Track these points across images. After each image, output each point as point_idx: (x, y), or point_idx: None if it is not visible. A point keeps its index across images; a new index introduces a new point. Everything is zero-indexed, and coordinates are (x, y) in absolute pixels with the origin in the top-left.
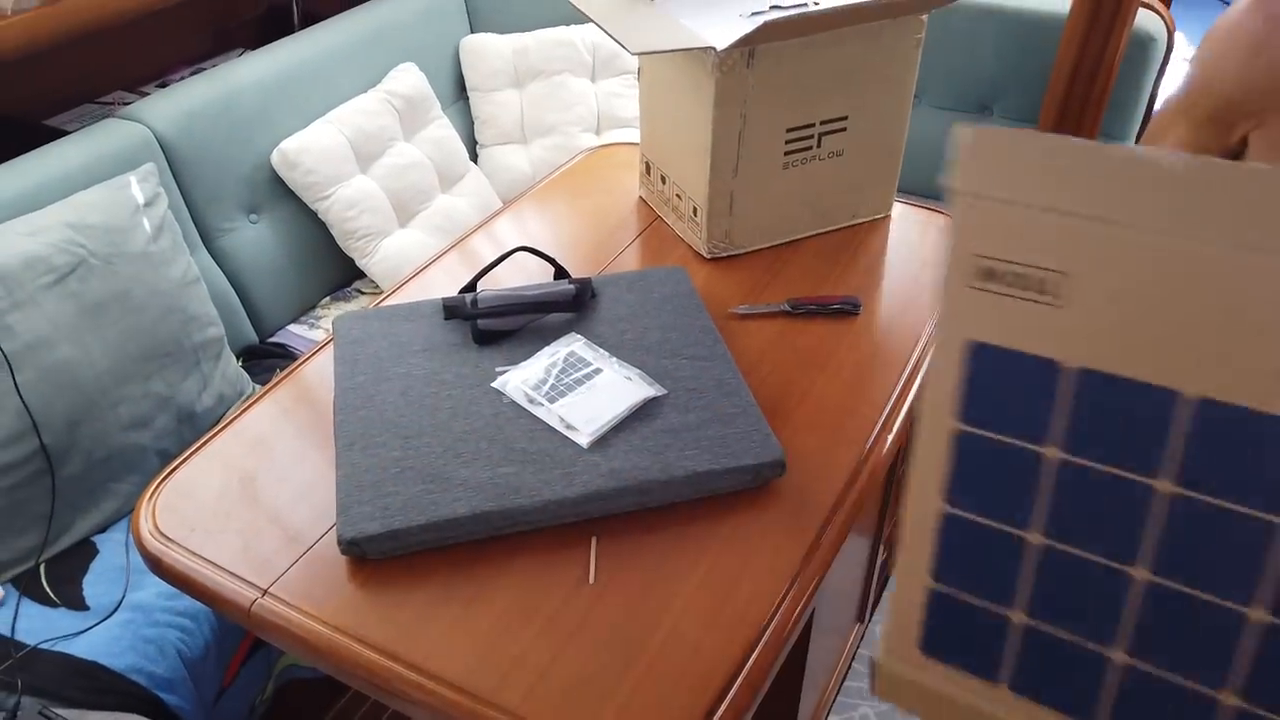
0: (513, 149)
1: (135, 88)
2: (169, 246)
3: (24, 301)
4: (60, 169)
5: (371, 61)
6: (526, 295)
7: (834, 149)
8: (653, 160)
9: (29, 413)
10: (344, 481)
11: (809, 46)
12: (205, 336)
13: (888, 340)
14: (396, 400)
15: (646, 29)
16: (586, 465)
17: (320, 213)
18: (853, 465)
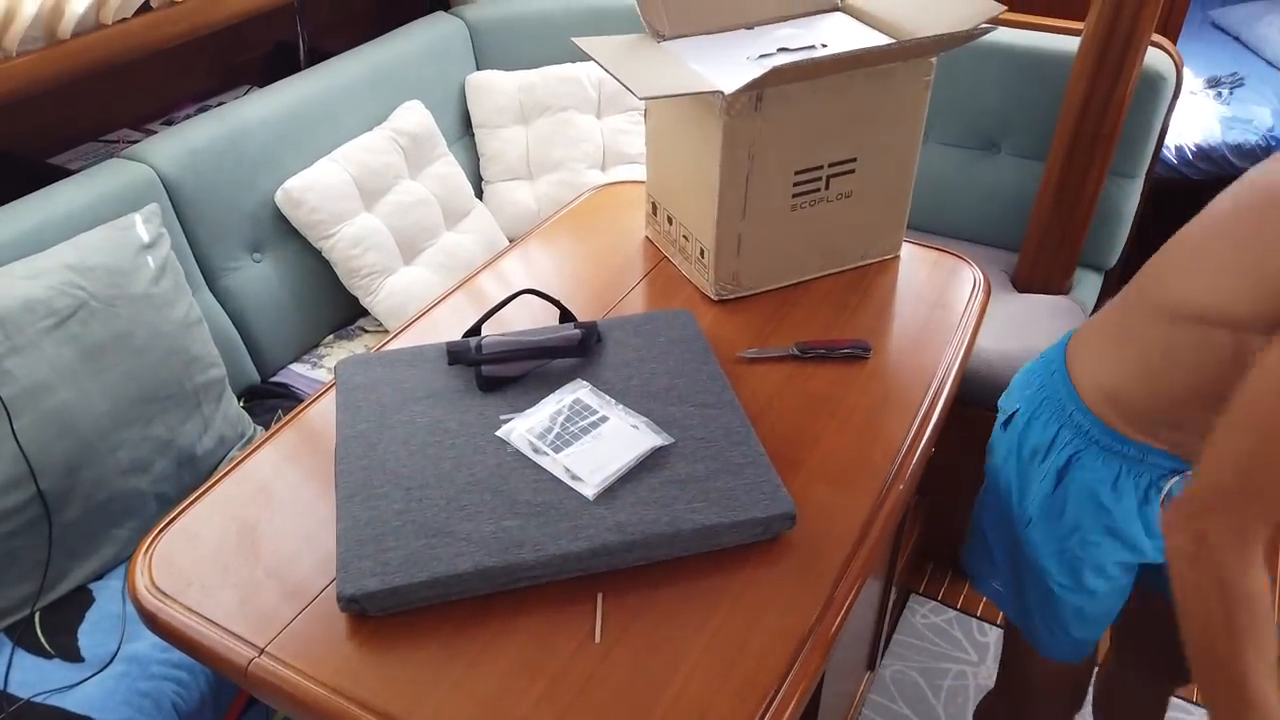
0: (519, 185)
1: (141, 125)
2: (171, 287)
3: (23, 346)
4: (64, 209)
5: (377, 99)
6: (531, 341)
7: (842, 190)
8: (660, 201)
9: (26, 459)
10: (344, 535)
11: (817, 89)
12: (207, 378)
13: (899, 384)
14: (398, 450)
15: (653, 73)
16: (593, 518)
17: (324, 251)
18: (866, 515)
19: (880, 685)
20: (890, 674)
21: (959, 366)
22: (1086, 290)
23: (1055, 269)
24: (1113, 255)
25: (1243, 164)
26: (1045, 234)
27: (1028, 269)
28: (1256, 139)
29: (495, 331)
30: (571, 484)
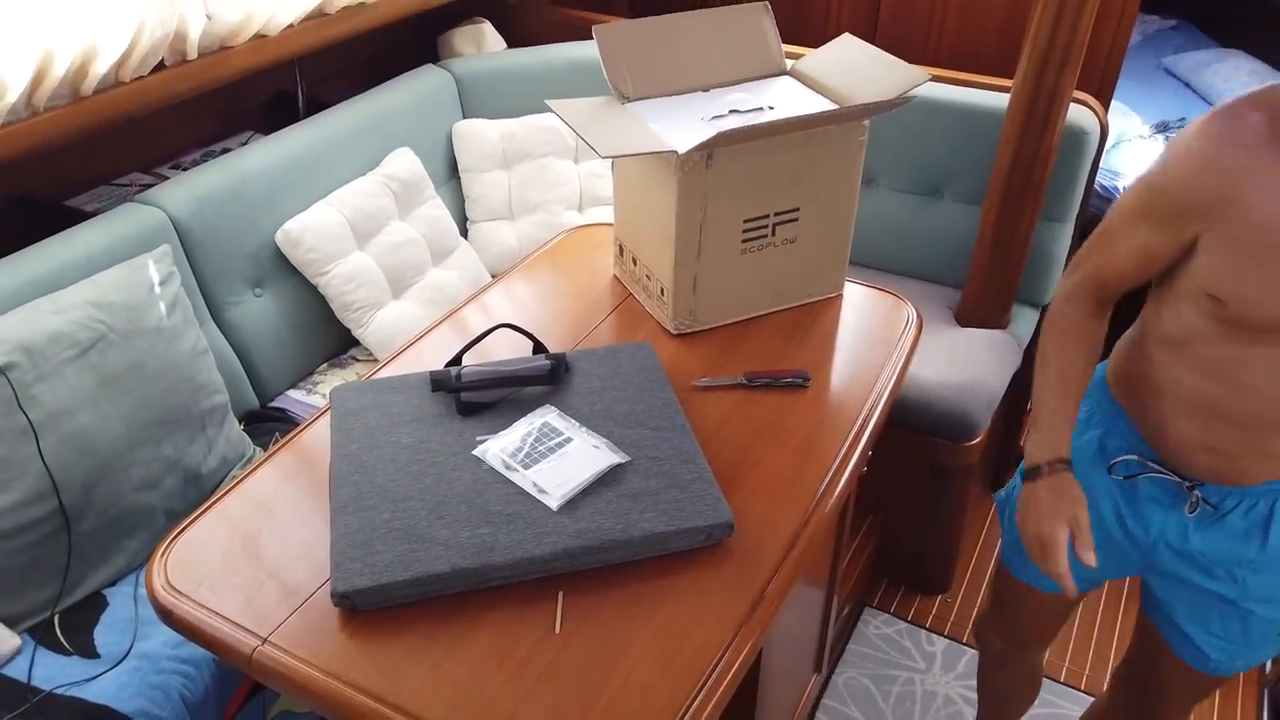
0: (501, 225)
1: (151, 169)
2: (181, 321)
3: (49, 374)
4: (84, 250)
5: (371, 146)
6: (505, 370)
7: (788, 236)
8: (625, 243)
9: (50, 475)
10: (338, 541)
11: (762, 148)
12: (211, 403)
13: (834, 410)
14: (386, 467)
15: (616, 133)
16: (556, 526)
17: (320, 287)
18: (797, 526)
19: (834, 691)
20: (843, 680)
21: (889, 394)
22: (1024, 325)
23: (994, 305)
24: (1047, 293)
25: None
26: (985, 273)
27: (969, 305)
28: None
29: (475, 361)
30: (538, 496)
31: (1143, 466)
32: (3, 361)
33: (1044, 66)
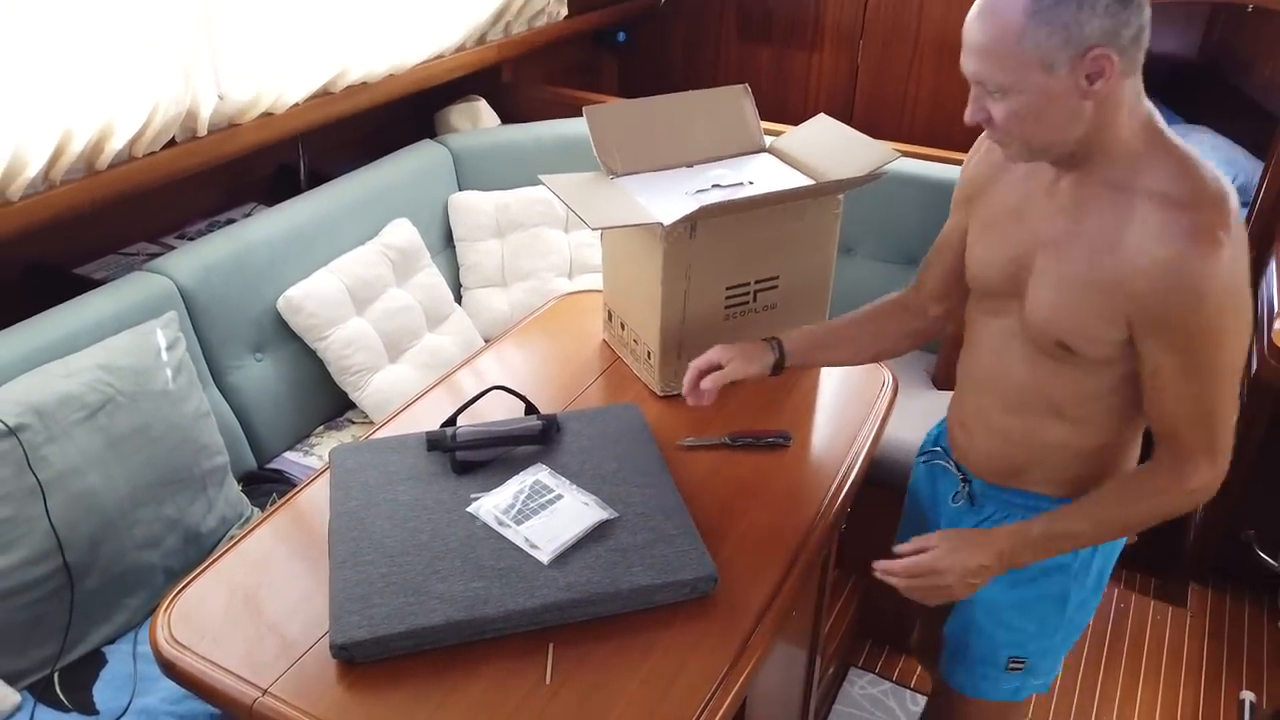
0: (494, 291)
1: (157, 238)
2: (185, 384)
3: (59, 435)
4: (94, 316)
5: (370, 217)
6: (498, 430)
7: (768, 303)
8: (614, 310)
9: (56, 534)
10: (337, 594)
11: (743, 220)
12: (213, 464)
13: (813, 469)
14: (383, 523)
15: (605, 206)
16: (546, 580)
17: (319, 351)
18: (779, 578)
19: None
20: None
21: (866, 454)
22: None
23: None
24: None
25: None
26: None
27: (945, 369)
28: None
29: (469, 422)
30: (530, 551)
31: (934, 455)
32: (15, 423)
33: None
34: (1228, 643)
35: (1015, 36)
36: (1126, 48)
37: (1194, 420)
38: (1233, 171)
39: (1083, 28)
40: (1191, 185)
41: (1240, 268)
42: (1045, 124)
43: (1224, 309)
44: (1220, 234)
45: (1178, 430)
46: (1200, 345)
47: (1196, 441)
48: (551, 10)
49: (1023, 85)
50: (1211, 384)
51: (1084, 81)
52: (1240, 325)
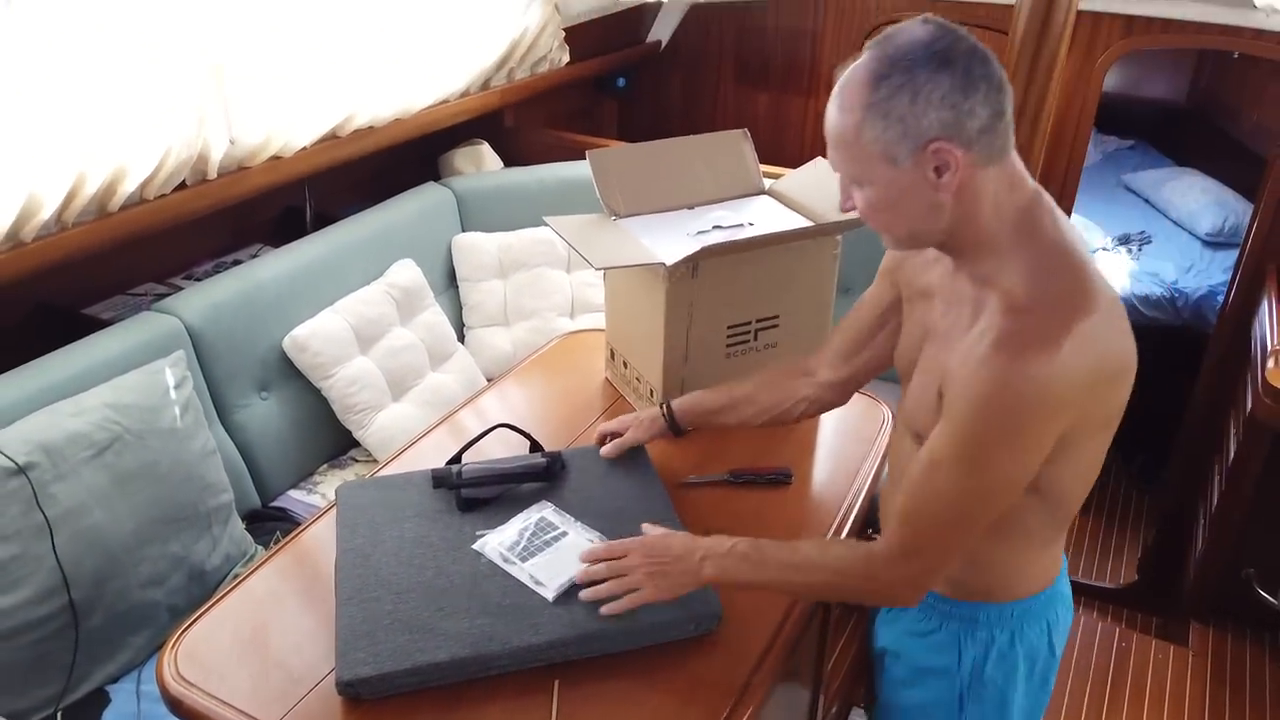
0: (497, 331)
1: (164, 279)
2: (192, 423)
3: (67, 473)
4: (104, 356)
5: (375, 257)
6: (503, 468)
7: (769, 341)
8: (616, 348)
9: (62, 572)
10: (343, 631)
11: (743, 260)
12: (218, 502)
13: (814, 506)
14: (389, 560)
15: (609, 246)
16: (551, 617)
17: (323, 390)
18: (780, 618)
19: None
20: None
21: (866, 491)
22: None
23: None
24: None
25: (1150, 313)
26: None
27: None
28: (1161, 291)
29: (474, 459)
30: (535, 588)
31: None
32: (24, 461)
33: None
34: (1230, 682)
35: (855, 130)
36: (975, 138)
37: (907, 512)
38: (1223, 213)
39: (919, 120)
40: (1038, 287)
41: (1058, 384)
42: (903, 215)
43: (998, 424)
44: (1041, 344)
45: (895, 516)
46: (951, 444)
47: (900, 534)
48: (554, 57)
49: (871, 177)
50: (939, 486)
51: (932, 174)
52: (1012, 449)
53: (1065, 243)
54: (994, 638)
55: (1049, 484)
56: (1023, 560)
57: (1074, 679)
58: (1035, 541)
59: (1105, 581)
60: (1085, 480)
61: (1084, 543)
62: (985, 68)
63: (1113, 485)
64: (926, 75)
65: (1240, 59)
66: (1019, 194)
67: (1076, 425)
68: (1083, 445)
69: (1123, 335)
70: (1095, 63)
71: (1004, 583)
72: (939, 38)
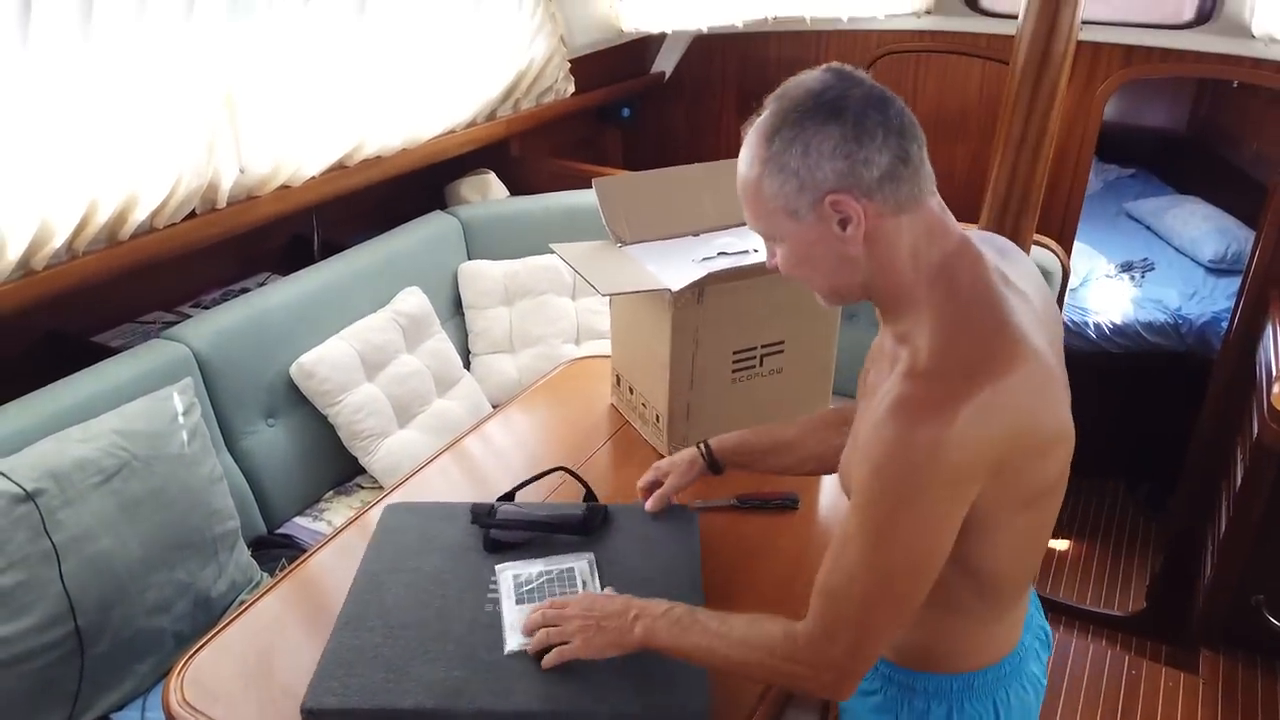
0: (503, 357)
1: (173, 307)
2: (200, 449)
3: (75, 499)
4: (113, 382)
5: (381, 285)
6: (538, 515)
7: (774, 367)
8: (622, 374)
9: (69, 598)
10: (326, 656)
11: (749, 287)
12: (224, 529)
13: (822, 531)
14: (399, 591)
15: (615, 272)
16: (527, 684)
17: (330, 416)
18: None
19: None
20: None
21: None
22: None
23: None
24: None
25: (1154, 339)
26: None
27: None
28: (1165, 317)
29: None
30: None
31: None
32: (32, 488)
33: (1004, 212)
34: (1241, 710)
35: (755, 185)
36: (876, 187)
37: (820, 589)
38: (1225, 240)
39: (813, 173)
40: (942, 349)
41: (952, 453)
42: (819, 269)
43: (893, 493)
44: (935, 410)
45: (815, 597)
46: (854, 515)
47: (817, 613)
48: (559, 87)
49: (780, 232)
50: (846, 561)
51: (836, 227)
52: (912, 521)
53: (983, 299)
54: (930, 709)
55: (976, 561)
56: (959, 635)
57: (1084, 707)
58: (972, 618)
59: (1114, 609)
60: (1021, 559)
61: (1091, 570)
62: (882, 114)
63: (1119, 513)
64: (815, 127)
65: (1240, 87)
66: (941, 244)
67: (992, 501)
68: (1007, 523)
69: (1047, 403)
70: (1095, 92)
71: (941, 655)
72: (830, 87)
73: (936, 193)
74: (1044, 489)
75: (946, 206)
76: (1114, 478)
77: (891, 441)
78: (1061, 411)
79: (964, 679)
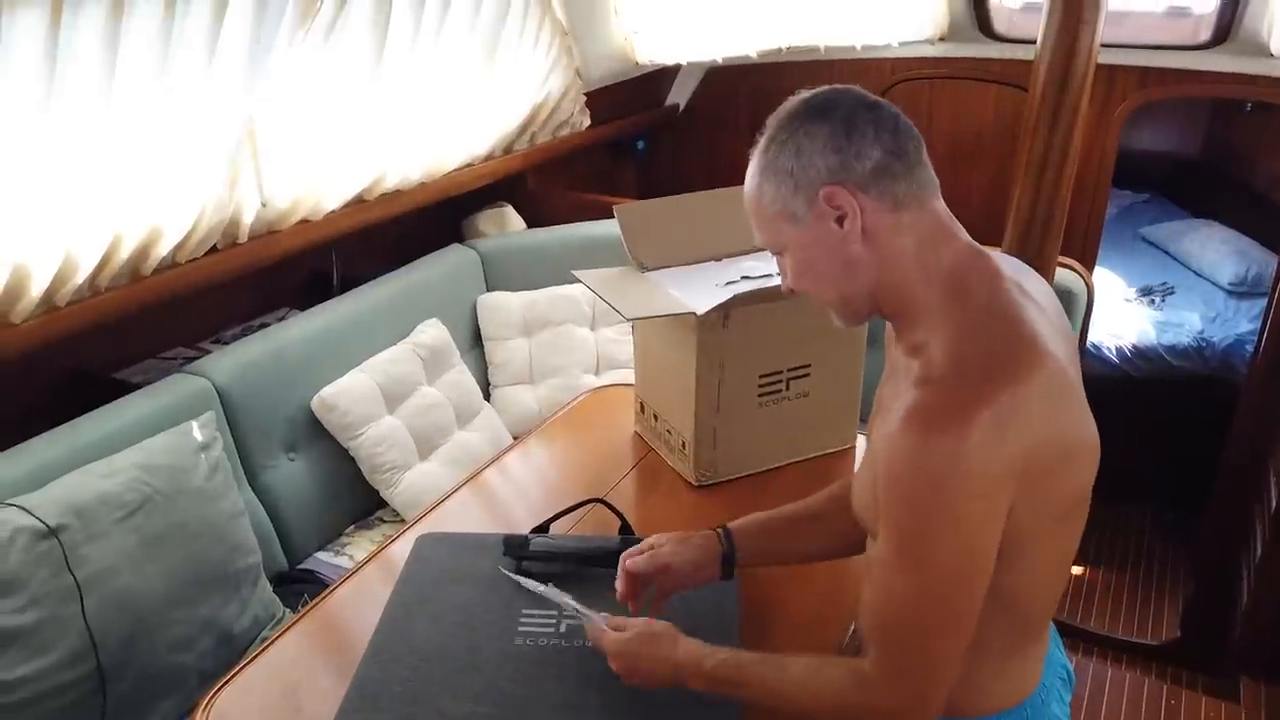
0: (522, 389)
1: (194, 343)
2: (221, 483)
3: (98, 535)
4: (135, 416)
5: (401, 318)
6: (573, 547)
7: (801, 391)
8: (646, 401)
9: (90, 635)
10: (352, 689)
11: (774, 310)
12: (246, 563)
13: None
14: (427, 624)
15: (639, 297)
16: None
17: (351, 449)
18: None
19: None
20: None
21: None
22: None
23: None
24: None
25: (1178, 362)
26: None
27: None
28: (1189, 340)
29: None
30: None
31: None
32: (55, 523)
33: (1028, 234)
34: None
35: (756, 198)
36: (870, 180)
37: (874, 628)
38: (1245, 263)
39: (807, 171)
40: (955, 355)
41: (975, 461)
42: (824, 277)
43: (921, 510)
44: (951, 417)
45: (871, 634)
46: (888, 542)
47: (879, 653)
48: (575, 120)
49: (784, 241)
50: (893, 592)
51: (834, 225)
52: (946, 536)
53: (998, 305)
54: None
55: (1007, 586)
56: (982, 673)
57: None
58: (995, 654)
59: (1145, 638)
60: (1049, 583)
61: (1123, 598)
62: (873, 114)
63: (1147, 538)
64: (805, 129)
65: (1254, 110)
66: (949, 249)
67: (1027, 513)
68: (1044, 538)
69: (1069, 410)
70: (1112, 115)
71: (961, 697)
72: (818, 94)
73: (940, 198)
74: (1077, 497)
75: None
76: (1140, 502)
77: (909, 454)
78: (1085, 420)
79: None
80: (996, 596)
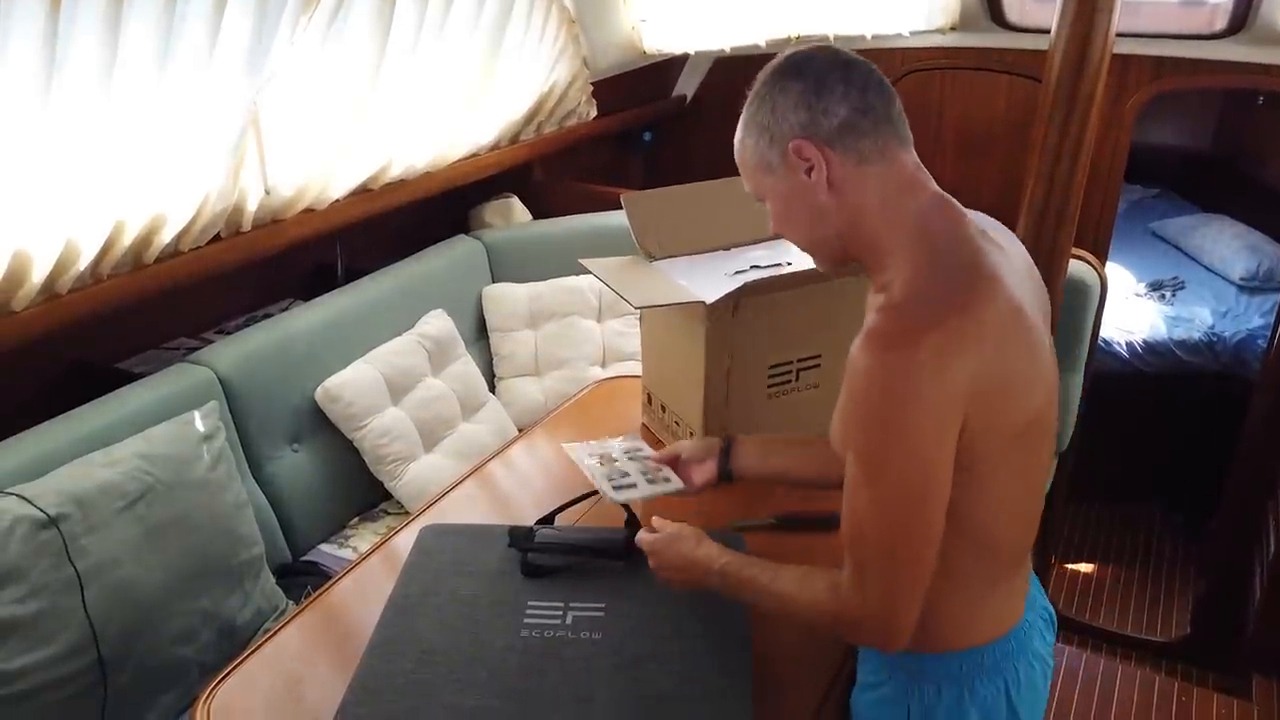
0: (528, 381)
1: (197, 334)
2: (224, 474)
3: (99, 525)
4: (136, 406)
5: (406, 309)
6: (578, 539)
7: (811, 382)
8: (654, 392)
9: (92, 627)
10: (355, 683)
11: (784, 299)
12: (249, 555)
13: None
14: (431, 618)
15: (647, 286)
16: (562, 714)
17: (355, 441)
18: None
19: None
20: None
21: None
22: None
23: None
24: (1063, 441)
25: (1189, 357)
26: None
27: None
28: (1200, 335)
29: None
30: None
31: None
32: (55, 513)
33: (1041, 224)
34: None
35: (741, 149)
36: (836, 135)
37: (847, 543)
38: (1256, 258)
39: (780, 125)
40: (913, 283)
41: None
42: (797, 224)
43: (876, 422)
44: (903, 336)
45: (844, 550)
46: (852, 458)
47: (849, 567)
48: (582, 110)
49: (763, 190)
50: (856, 504)
51: (804, 175)
52: (900, 447)
53: (958, 245)
54: (940, 694)
55: (969, 513)
56: (959, 603)
57: None
58: (972, 584)
59: (1155, 634)
60: (1013, 513)
61: (1131, 595)
62: (843, 73)
63: (1156, 536)
64: (781, 86)
65: (1265, 104)
66: (915, 199)
67: (976, 435)
68: (994, 467)
69: (1022, 344)
70: (1125, 106)
71: (944, 628)
72: (797, 53)
73: (912, 151)
74: (1030, 421)
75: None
76: (1149, 499)
77: (865, 370)
78: (1041, 357)
79: (972, 657)
80: (963, 525)
